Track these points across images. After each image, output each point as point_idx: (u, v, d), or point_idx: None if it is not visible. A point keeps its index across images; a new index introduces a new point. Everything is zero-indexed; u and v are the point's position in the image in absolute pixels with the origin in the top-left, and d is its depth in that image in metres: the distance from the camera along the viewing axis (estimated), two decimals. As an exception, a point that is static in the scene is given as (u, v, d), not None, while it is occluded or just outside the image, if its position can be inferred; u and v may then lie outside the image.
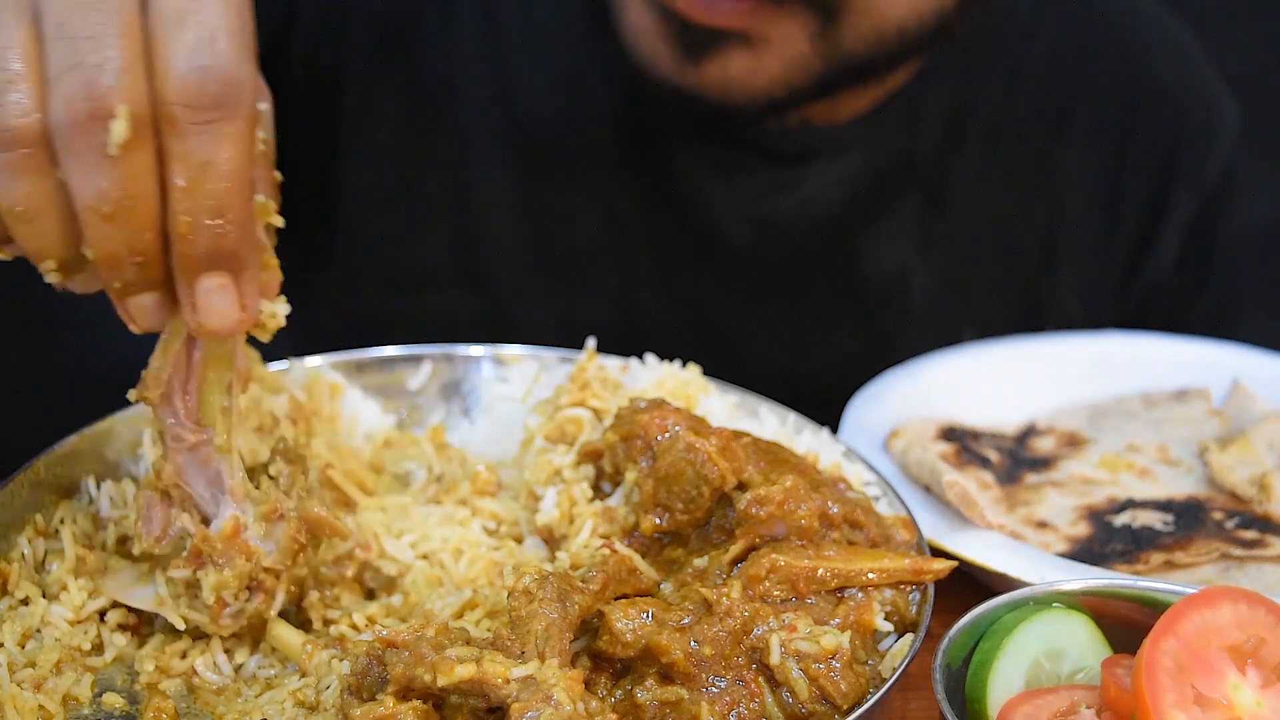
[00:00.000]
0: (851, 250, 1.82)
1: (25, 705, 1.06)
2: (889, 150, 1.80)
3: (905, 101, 1.78)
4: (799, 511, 1.12)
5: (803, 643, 1.03)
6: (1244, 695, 0.98)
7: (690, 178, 1.76)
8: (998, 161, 1.85)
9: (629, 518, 1.20)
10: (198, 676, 1.10)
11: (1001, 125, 1.85)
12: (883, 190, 1.81)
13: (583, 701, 0.93)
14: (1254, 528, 1.37)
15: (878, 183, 1.80)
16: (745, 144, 1.74)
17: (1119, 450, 1.54)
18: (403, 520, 1.27)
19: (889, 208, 1.82)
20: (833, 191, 1.79)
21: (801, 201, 1.79)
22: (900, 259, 1.84)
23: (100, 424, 1.29)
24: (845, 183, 1.79)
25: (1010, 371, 1.65)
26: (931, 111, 1.81)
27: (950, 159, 1.84)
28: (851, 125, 1.76)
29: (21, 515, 1.21)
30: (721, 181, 1.76)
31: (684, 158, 1.76)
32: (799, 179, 1.77)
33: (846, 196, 1.79)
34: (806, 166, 1.77)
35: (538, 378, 1.42)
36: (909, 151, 1.81)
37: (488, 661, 0.94)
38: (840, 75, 1.57)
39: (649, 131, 1.73)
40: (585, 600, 1.03)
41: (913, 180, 1.83)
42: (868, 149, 1.78)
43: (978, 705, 1.05)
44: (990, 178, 1.85)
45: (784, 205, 1.79)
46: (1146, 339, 1.71)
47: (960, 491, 1.33)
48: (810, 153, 1.76)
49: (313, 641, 1.12)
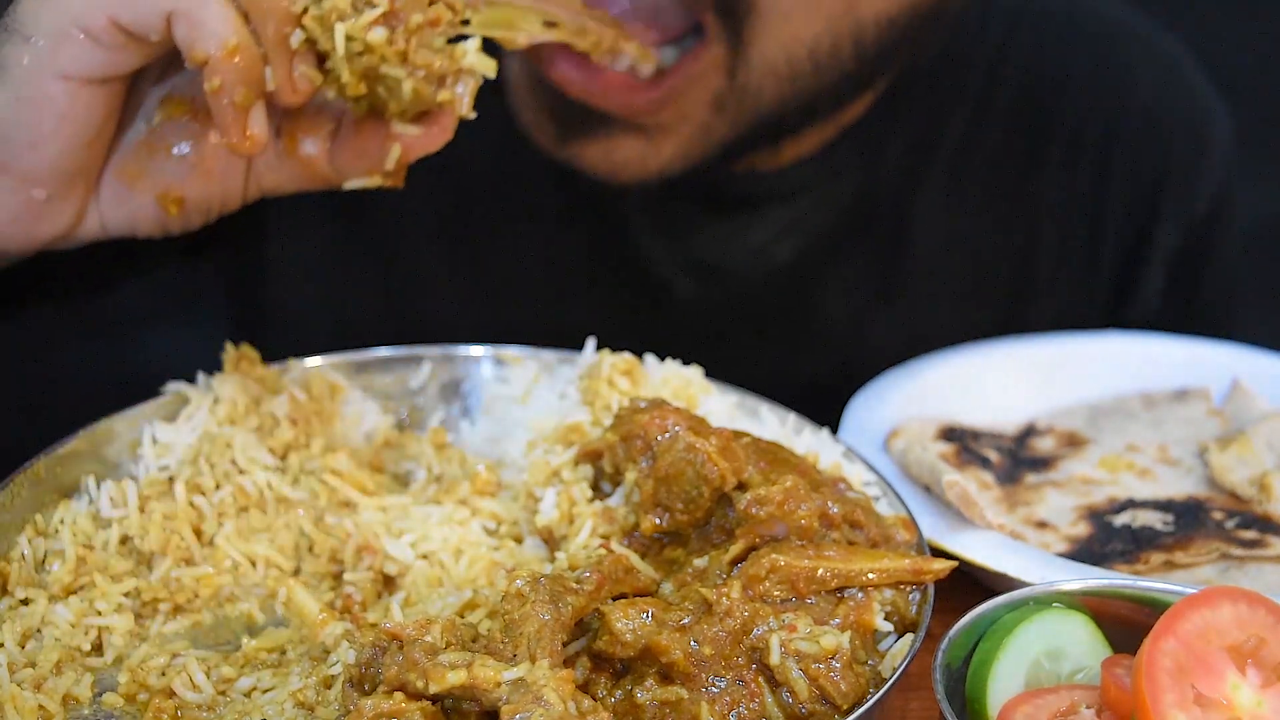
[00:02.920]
0: (807, 300, 1.74)
1: (25, 705, 1.06)
2: (844, 191, 1.70)
3: (860, 138, 1.68)
4: (799, 511, 1.12)
5: (803, 643, 1.03)
6: (1244, 695, 0.98)
7: (631, 229, 1.68)
8: (966, 197, 1.76)
9: (629, 518, 1.20)
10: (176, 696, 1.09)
11: (969, 158, 1.75)
12: (839, 234, 1.72)
13: (574, 701, 0.93)
14: (1254, 528, 1.37)
15: (833, 226, 1.71)
16: (686, 193, 1.65)
17: (1119, 450, 1.54)
18: (403, 520, 1.27)
19: (847, 252, 1.73)
20: (785, 238, 1.70)
21: (751, 251, 1.70)
22: (860, 307, 1.74)
23: (100, 424, 1.29)
24: (798, 228, 1.70)
25: (1010, 371, 1.65)
26: (890, 147, 1.71)
27: (913, 197, 1.74)
28: (800, 167, 1.67)
29: (21, 515, 1.21)
30: (663, 232, 1.68)
31: (623, 208, 1.67)
32: (746, 227, 1.69)
33: (800, 243, 1.71)
34: (753, 213, 1.68)
35: (538, 378, 1.42)
36: (867, 191, 1.71)
37: (478, 666, 0.94)
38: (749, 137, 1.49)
39: (586, 182, 1.60)
40: (579, 601, 1.03)
41: (872, 222, 1.73)
42: (821, 191, 1.69)
43: (978, 705, 1.05)
44: (958, 215, 1.76)
45: (732, 255, 1.70)
46: (1146, 339, 1.71)
47: (960, 491, 1.32)
48: (757, 199, 1.68)
49: (328, 612, 1.13)
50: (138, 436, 1.30)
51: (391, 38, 1.13)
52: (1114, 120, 1.79)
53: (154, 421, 1.30)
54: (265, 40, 1.13)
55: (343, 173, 1.26)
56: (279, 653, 1.15)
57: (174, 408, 1.32)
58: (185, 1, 1.10)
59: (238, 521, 1.25)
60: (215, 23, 1.10)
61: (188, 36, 1.11)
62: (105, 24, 1.12)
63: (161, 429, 1.30)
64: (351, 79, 1.15)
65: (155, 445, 1.29)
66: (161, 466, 1.28)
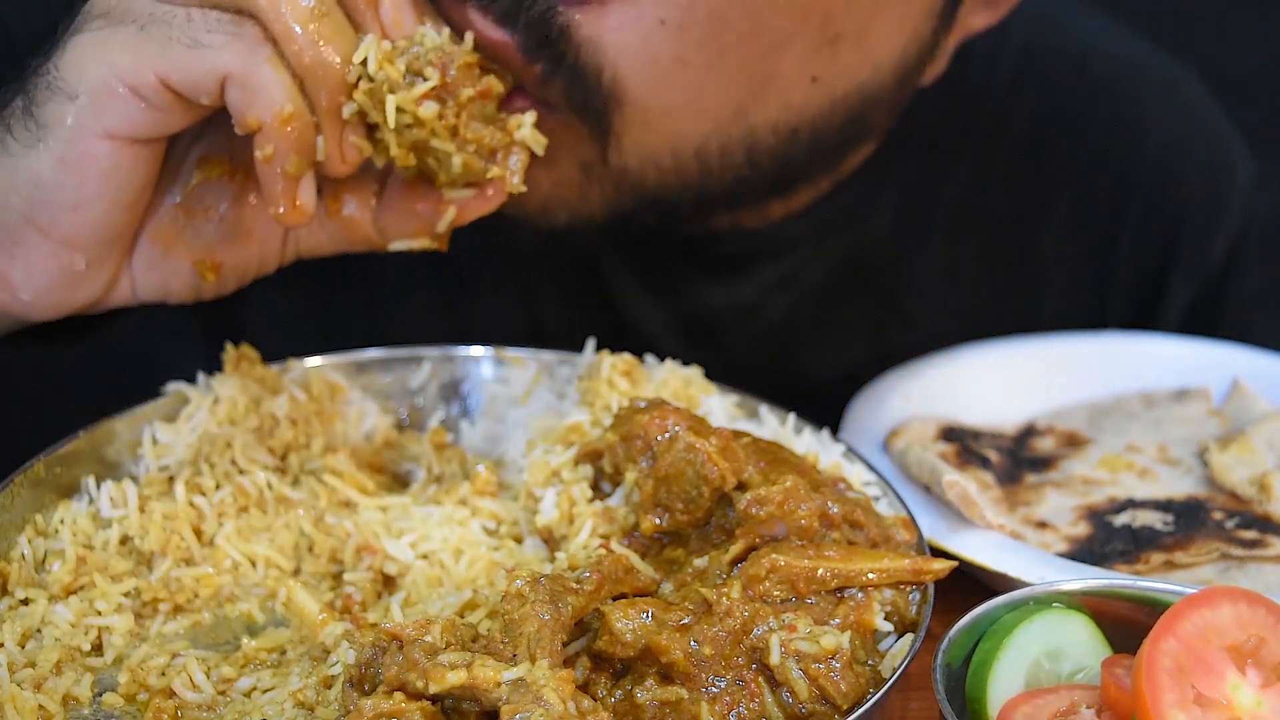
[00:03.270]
0: (797, 362, 1.67)
1: (25, 705, 1.05)
2: (837, 247, 1.62)
3: (855, 190, 1.59)
4: (799, 511, 1.12)
5: (803, 643, 1.03)
6: (1244, 695, 0.98)
7: (615, 287, 1.61)
8: (965, 255, 1.67)
9: (629, 518, 1.20)
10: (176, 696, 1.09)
11: (969, 211, 1.66)
12: (832, 292, 1.65)
13: (574, 701, 0.93)
14: (1254, 528, 1.36)
15: (826, 284, 1.64)
16: (669, 250, 1.59)
17: (1119, 450, 1.54)
18: (403, 520, 1.27)
19: (839, 313, 1.66)
20: (775, 296, 1.63)
21: (740, 310, 1.63)
22: (853, 367, 1.63)
23: (100, 424, 1.29)
24: (789, 286, 1.63)
25: (1010, 371, 1.65)
26: (886, 202, 1.63)
27: (909, 255, 1.66)
28: (790, 223, 1.58)
29: (21, 515, 1.21)
30: (648, 290, 1.61)
31: (608, 264, 1.61)
32: (734, 285, 1.61)
33: (791, 301, 1.64)
34: (742, 272, 1.61)
35: (537, 378, 1.42)
36: (861, 247, 1.63)
37: (478, 666, 0.94)
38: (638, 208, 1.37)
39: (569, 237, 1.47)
40: (579, 601, 1.03)
41: (866, 279, 1.65)
42: (812, 247, 1.61)
43: (978, 705, 1.05)
44: (957, 274, 1.68)
45: (720, 314, 1.63)
46: (1146, 339, 1.71)
47: (960, 491, 1.33)
48: (745, 257, 1.60)
49: (328, 612, 1.13)
50: (138, 436, 1.30)
51: (442, 112, 1.12)
52: (1127, 170, 1.70)
53: (154, 421, 1.30)
54: (318, 110, 1.10)
55: (388, 234, 1.23)
56: (279, 653, 1.15)
57: (174, 408, 1.32)
58: (241, 64, 1.07)
59: (238, 521, 1.25)
60: (272, 89, 1.08)
61: (241, 101, 1.08)
62: (154, 83, 1.09)
63: (161, 429, 1.30)
64: (401, 151, 1.14)
65: (155, 445, 1.29)
66: (161, 466, 1.28)
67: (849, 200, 1.60)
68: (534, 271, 1.64)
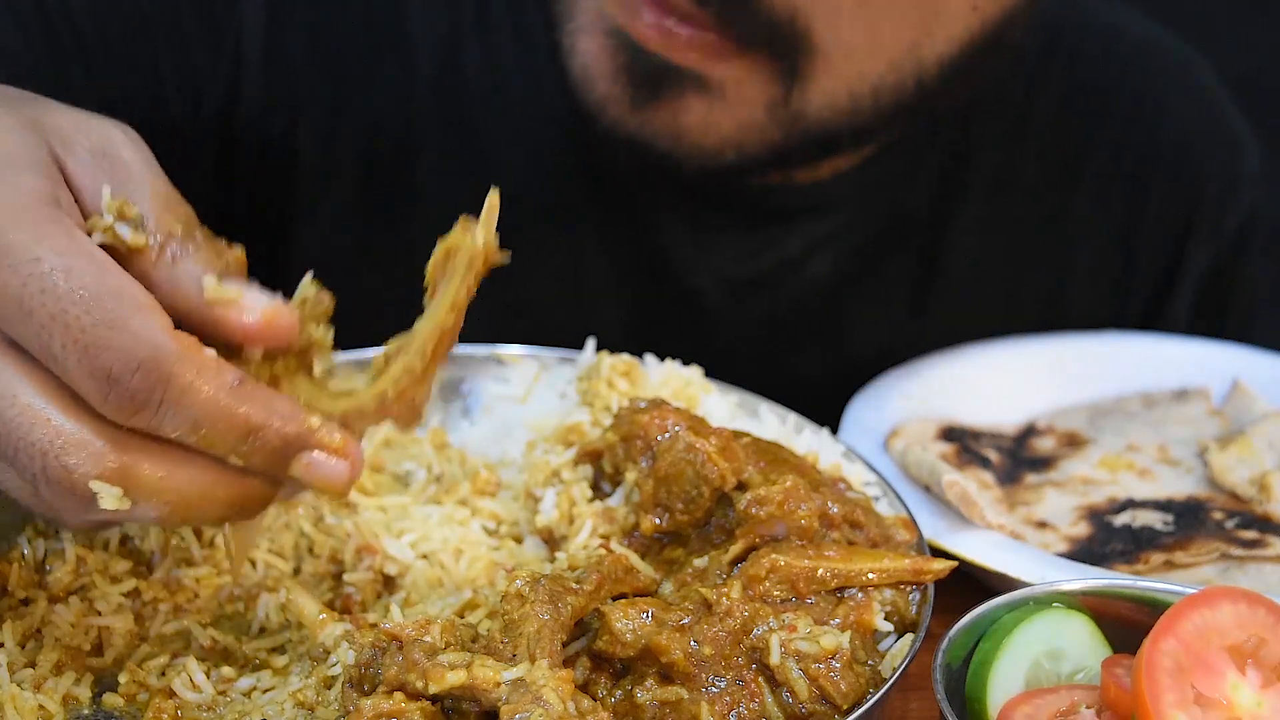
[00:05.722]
0: (838, 314, 1.72)
1: (25, 705, 1.05)
2: (880, 207, 1.69)
3: (899, 154, 1.67)
4: (799, 511, 1.12)
5: (803, 643, 1.03)
6: (1244, 695, 0.98)
7: (662, 236, 1.66)
8: (1001, 216, 1.74)
9: (629, 518, 1.20)
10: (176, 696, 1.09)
11: (1006, 177, 1.73)
12: (873, 250, 1.71)
13: (573, 701, 0.93)
14: (1254, 528, 1.37)
15: (868, 242, 1.70)
16: (721, 202, 1.64)
17: (1119, 450, 1.54)
18: (403, 520, 1.27)
19: (880, 269, 1.72)
20: (817, 252, 1.68)
21: (783, 263, 1.68)
22: (891, 324, 1.73)
23: (100, 424, 1.28)
24: (831, 242, 1.68)
25: (1010, 371, 1.65)
26: (928, 164, 1.70)
27: (949, 215, 1.73)
28: (837, 181, 1.65)
29: (21, 515, 1.21)
30: (695, 241, 1.66)
31: (655, 215, 1.65)
32: (780, 239, 1.67)
33: (833, 257, 1.69)
34: (788, 225, 1.66)
35: (538, 377, 1.42)
36: (903, 208, 1.70)
37: (478, 666, 0.94)
38: (799, 148, 1.47)
39: (617, 188, 1.62)
40: (579, 601, 1.03)
41: (906, 239, 1.72)
42: (857, 206, 1.67)
43: (978, 705, 1.05)
44: (992, 234, 1.74)
45: (764, 267, 1.68)
46: (1146, 339, 1.71)
47: (960, 491, 1.33)
48: (792, 211, 1.66)
49: (328, 612, 1.13)
50: (138, 436, 1.30)
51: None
52: (1150, 143, 1.78)
53: (154, 421, 1.30)
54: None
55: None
56: (279, 653, 1.15)
57: (174, 408, 1.31)
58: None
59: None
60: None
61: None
62: None
63: (161, 429, 1.29)
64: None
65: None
66: (161, 466, 1.28)
67: (895, 160, 1.67)
68: (582, 217, 1.67)
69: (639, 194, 1.63)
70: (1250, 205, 1.83)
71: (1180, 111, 1.81)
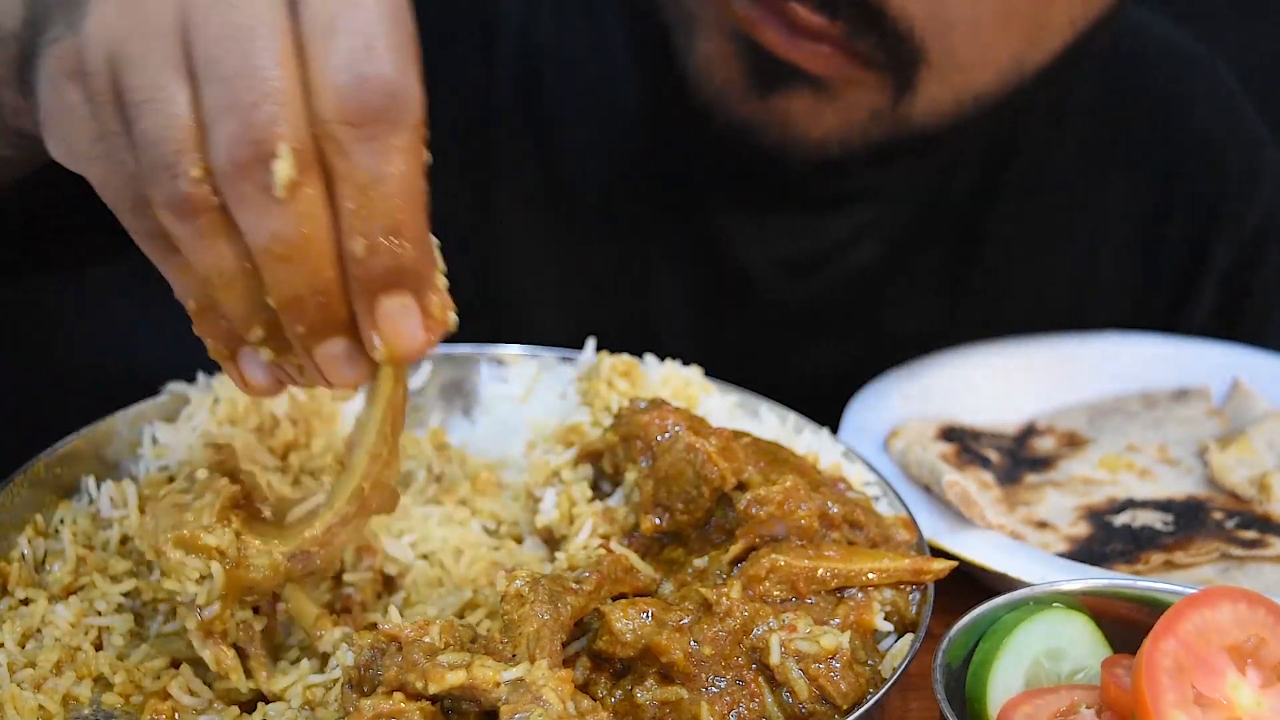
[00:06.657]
0: (877, 299, 1.77)
1: (25, 705, 1.05)
2: (926, 195, 1.74)
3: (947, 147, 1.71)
4: (799, 511, 1.12)
5: (803, 643, 1.03)
6: (1244, 695, 0.98)
7: (720, 217, 1.70)
8: (1036, 207, 1.80)
9: (629, 518, 1.20)
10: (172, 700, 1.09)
11: (1043, 169, 1.79)
12: (915, 236, 1.76)
13: (573, 701, 0.93)
14: (1254, 528, 1.37)
15: (911, 228, 1.75)
16: (778, 186, 1.68)
17: (1119, 450, 1.54)
18: (403, 520, 1.27)
19: (920, 255, 1.77)
20: (862, 239, 1.73)
21: (830, 246, 1.73)
22: (927, 313, 1.78)
23: (100, 424, 1.29)
24: (874, 230, 1.73)
25: (1010, 371, 1.65)
26: (971, 154, 1.75)
27: (988, 205, 1.78)
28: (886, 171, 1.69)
29: (21, 515, 1.21)
30: (752, 221, 1.70)
31: (714, 196, 1.70)
32: (824, 223, 1.72)
33: (875, 243, 1.74)
34: (833, 211, 1.71)
35: (538, 377, 1.42)
36: (946, 196, 1.75)
37: (477, 667, 0.94)
38: (898, 147, 1.52)
39: (679, 166, 1.67)
40: (579, 601, 1.03)
41: (947, 227, 1.77)
42: (905, 193, 1.73)
43: (978, 705, 1.05)
44: (1025, 224, 1.80)
45: (811, 250, 1.73)
46: (1146, 339, 1.71)
47: (960, 491, 1.33)
48: (848, 196, 1.71)
49: (326, 614, 1.13)
50: (138, 436, 1.30)
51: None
52: (1178, 143, 1.84)
53: (154, 421, 1.30)
54: None
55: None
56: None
57: (174, 408, 1.32)
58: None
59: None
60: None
61: None
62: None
63: (161, 429, 1.30)
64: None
65: (155, 445, 1.29)
66: (161, 467, 1.28)
67: (943, 153, 1.72)
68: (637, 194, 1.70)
69: (696, 173, 1.67)
70: (1269, 204, 1.87)
71: (1204, 108, 1.86)
